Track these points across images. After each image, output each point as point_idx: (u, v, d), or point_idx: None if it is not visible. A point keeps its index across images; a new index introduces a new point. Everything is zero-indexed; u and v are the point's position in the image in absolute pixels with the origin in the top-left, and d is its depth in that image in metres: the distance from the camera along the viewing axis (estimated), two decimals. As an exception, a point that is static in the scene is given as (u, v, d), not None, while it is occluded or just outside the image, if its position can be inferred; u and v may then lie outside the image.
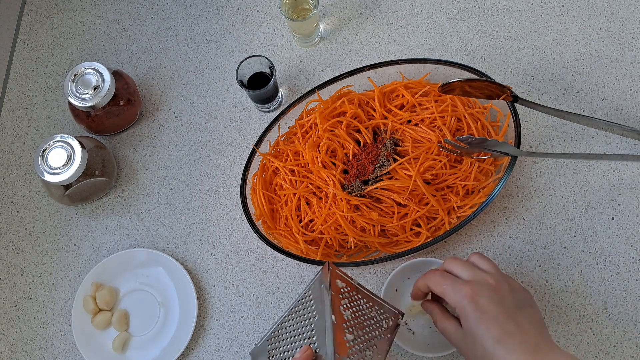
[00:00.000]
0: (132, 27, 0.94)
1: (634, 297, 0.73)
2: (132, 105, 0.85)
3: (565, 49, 0.85)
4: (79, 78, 0.80)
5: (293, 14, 0.86)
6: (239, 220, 0.82)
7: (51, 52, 0.95)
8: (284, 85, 0.88)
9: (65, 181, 0.76)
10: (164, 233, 0.83)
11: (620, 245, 0.75)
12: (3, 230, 0.86)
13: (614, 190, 0.77)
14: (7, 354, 0.80)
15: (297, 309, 0.57)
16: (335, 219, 0.73)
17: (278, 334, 0.58)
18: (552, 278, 0.75)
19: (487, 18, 0.88)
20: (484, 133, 0.77)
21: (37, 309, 0.81)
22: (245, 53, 0.90)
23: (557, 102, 0.82)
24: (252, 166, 0.79)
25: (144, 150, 0.88)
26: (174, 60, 0.92)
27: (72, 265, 0.83)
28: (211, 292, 0.79)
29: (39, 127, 0.91)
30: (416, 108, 0.79)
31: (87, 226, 0.85)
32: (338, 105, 0.79)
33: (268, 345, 0.58)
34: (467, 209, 0.73)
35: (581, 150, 0.80)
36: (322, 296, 0.54)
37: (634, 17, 0.85)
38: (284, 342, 0.57)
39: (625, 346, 0.71)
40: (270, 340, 0.58)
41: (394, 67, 0.79)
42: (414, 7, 0.90)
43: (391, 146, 0.76)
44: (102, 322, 0.77)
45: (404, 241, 0.74)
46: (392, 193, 0.73)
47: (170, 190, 0.85)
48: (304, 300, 0.56)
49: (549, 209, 0.77)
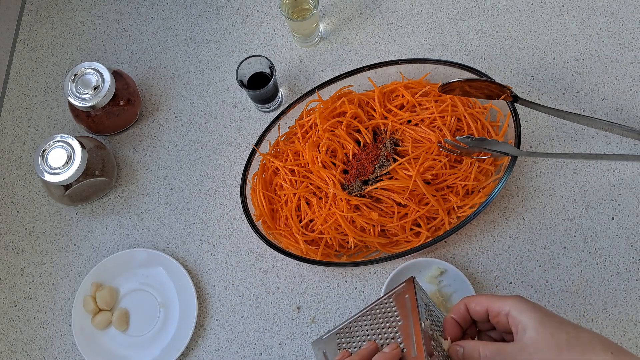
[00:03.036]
0: (132, 27, 0.94)
1: (634, 297, 0.73)
2: (132, 105, 0.85)
3: (565, 49, 0.85)
4: (79, 78, 0.80)
5: (293, 14, 0.86)
6: (239, 220, 0.82)
7: (51, 52, 0.95)
8: (284, 85, 0.88)
9: (65, 181, 0.76)
10: (164, 233, 0.83)
11: (620, 245, 0.75)
12: (3, 230, 0.86)
13: (614, 190, 0.77)
14: (7, 354, 0.80)
15: (374, 312, 0.60)
16: (335, 219, 0.73)
17: (350, 330, 0.60)
18: (552, 278, 0.75)
19: (487, 18, 0.88)
20: (484, 133, 0.77)
21: (37, 309, 0.81)
22: (245, 53, 0.90)
23: (557, 102, 0.82)
24: (252, 166, 0.79)
25: (144, 150, 0.88)
26: (174, 60, 0.92)
27: (72, 265, 0.83)
28: (211, 292, 0.79)
29: (39, 127, 0.91)
30: (416, 108, 0.79)
31: (87, 226, 0.85)
32: (338, 105, 0.79)
33: (337, 339, 0.60)
34: (467, 209, 0.73)
35: (581, 150, 0.80)
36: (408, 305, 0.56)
37: (634, 17, 0.85)
38: (357, 337, 0.58)
39: (625, 346, 0.71)
40: (340, 335, 0.61)
41: (394, 67, 0.79)
42: (414, 7, 0.90)
43: (391, 146, 0.76)
44: (102, 322, 0.77)
45: (404, 241, 0.74)
46: (392, 193, 0.73)
47: (170, 190, 0.85)
48: (385, 306, 0.59)
49: (549, 209, 0.77)
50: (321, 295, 0.77)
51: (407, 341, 0.53)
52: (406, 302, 0.56)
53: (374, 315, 0.59)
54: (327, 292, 0.78)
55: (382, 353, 0.52)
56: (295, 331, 0.76)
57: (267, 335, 0.77)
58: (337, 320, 0.76)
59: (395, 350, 0.52)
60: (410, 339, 0.53)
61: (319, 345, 0.62)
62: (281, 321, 0.77)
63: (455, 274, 0.73)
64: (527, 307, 0.49)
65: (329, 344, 0.61)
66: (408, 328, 0.54)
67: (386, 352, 0.52)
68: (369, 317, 0.59)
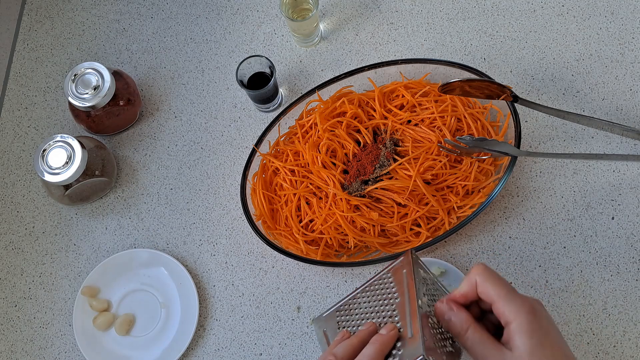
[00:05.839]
0: (132, 27, 0.94)
1: (634, 297, 0.73)
2: (132, 105, 0.85)
3: (565, 49, 0.85)
4: (79, 78, 0.80)
5: (293, 14, 0.86)
6: (239, 220, 0.82)
7: (51, 52, 0.95)
8: (284, 85, 0.88)
9: (65, 181, 0.76)
10: (164, 233, 0.83)
11: (620, 245, 0.75)
12: (3, 230, 0.86)
13: (614, 190, 0.77)
14: (7, 354, 0.80)
15: (372, 289, 0.58)
16: (335, 219, 0.73)
17: (349, 307, 0.59)
18: (552, 278, 0.75)
19: (487, 18, 0.88)
20: (484, 133, 0.77)
21: (37, 309, 0.81)
22: (245, 53, 0.90)
23: (557, 102, 0.82)
24: (252, 166, 0.79)
25: (144, 150, 0.88)
26: (174, 60, 0.92)
27: (72, 265, 0.83)
28: (211, 292, 0.79)
29: (39, 127, 0.91)
30: (416, 108, 0.79)
31: (87, 226, 0.85)
32: (338, 106, 0.79)
33: (337, 316, 0.59)
34: (467, 209, 0.73)
35: (581, 150, 0.80)
36: (405, 281, 0.54)
37: (634, 17, 0.85)
38: (356, 315, 0.58)
39: (625, 346, 0.71)
40: (339, 312, 0.60)
41: (394, 67, 0.79)
42: (414, 7, 0.90)
43: (391, 146, 0.76)
44: (103, 323, 0.77)
45: (404, 241, 0.74)
46: (392, 193, 0.73)
47: (170, 190, 0.85)
48: (383, 282, 0.57)
49: (549, 209, 0.78)
50: (321, 295, 0.77)
51: (403, 320, 0.52)
52: (403, 278, 0.55)
53: (372, 291, 0.58)
54: (327, 292, 0.78)
55: (380, 335, 0.51)
56: (295, 331, 0.76)
57: (267, 335, 0.77)
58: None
59: (393, 331, 0.51)
60: (406, 318, 0.52)
61: (320, 323, 0.61)
62: (281, 321, 0.77)
63: (455, 274, 0.73)
64: (527, 329, 0.46)
65: (328, 322, 0.60)
66: (404, 306, 0.52)
67: (383, 335, 0.51)
68: (368, 293, 0.58)
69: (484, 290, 0.49)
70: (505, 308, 0.47)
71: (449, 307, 0.50)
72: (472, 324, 0.49)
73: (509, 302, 0.47)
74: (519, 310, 0.46)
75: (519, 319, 0.46)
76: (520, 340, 0.46)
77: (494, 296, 0.48)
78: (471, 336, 0.48)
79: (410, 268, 0.55)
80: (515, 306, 0.47)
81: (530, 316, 0.46)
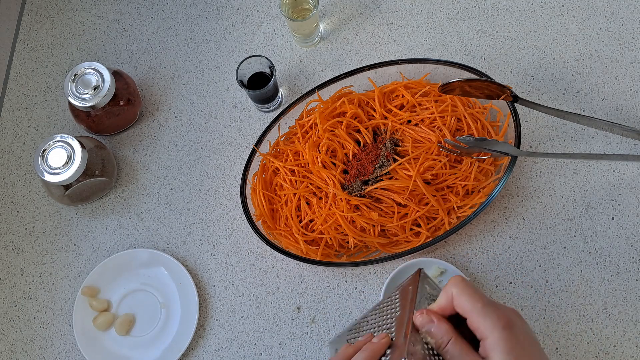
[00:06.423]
0: (132, 27, 0.94)
1: (634, 297, 0.73)
2: (132, 105, 0.85)
3: (565, 49, 0.85)
4: (79, 78, 0.80)
5: (293, 14, 0.86)
6: (239, 220, 0.82)
7: (51, 52, 0.95)
8: (284, 85, 0.88)
9: (65, 181, 0.76)
10: (164, 233, 0.83)
11: (620, 245, 0.75)
12: (3, 230, 0.86)
13: (614, 190, 0.77)
14: (7, 354, 0.80)
15: (382, 306, 0.60)
16: (335, 219, 0.73)
17: (360, 326, 0.60)
18: (552, 278, 0.75)
19: (487, 18, 0.88)
20: (484, 133, 0.77)
21: (37, 309, 0.81)
22: (245, 53, 0.90)
23: (557, 102, 0.82)
24: (252, 166, 0.79)
25: (144, 150, 0.88)
26: (174, 60, 0.92)
27: (72, 265, 0.83)
28: (211, 292, 0.79)
29: (39, 127, 0.91)
30: (416, 108, 0.79)
31: (87, 226, 0.85)
32: (338, 106, 0.79)
33: (348, 335, 0.61)
34: (467, 209, 0.73)
35: (581, 150, 0.80)
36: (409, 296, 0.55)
37: (634, 17, 0.85)
38: (364, 332, 0.58)
39: (625, 346, 0.71)
40: (351, 332, 0.61)
41: (394, 67, 0.79)
42: (414, 7, 0.90)
43: (391, 146, 0.76)
44: (104, 323, 0.77)
45: (404, 241, 0.74)
46: (392, 193, 0.73)
47: (170, 190, 0.85)
48: (391, 299, 0.59)
49: (549, 209, 0.78)
50: (321, 295, 0.77)
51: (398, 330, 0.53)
52: (408, 293, 0.56)
53: (381, 309, 0.59)
54: (327, 292, 0.78)
55: (371, 343, 0.52)
56: (295, 331, 0.76)
57: (267, 335, 0.77)
58: (337, 320, 0.76)
59: (384, 339, 0.52)
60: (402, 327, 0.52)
61: (333, 344, 0.62)
62: (281, 321, 0.77)
63: (455, 274, 0.73)
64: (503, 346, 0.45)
65: (340, 342, 0.61)
66: (402, 317, 0.53)
67: (374, 342, 0.52)
68: (377, 311, 0.60)
69: (460, 303, 0.48)
70: (480, 323, 0.46)
71: (429, 319, 0.50)
72: (454, 336, 0.48)
73: (484, 317, 0.46)
74: (494, 325, 0.46)
75: (494, 335, 0.45)
76: (497, 357, 0.45)
77: (468, 311, 0.47)
78: (451, 349, 0.48)
79: (416, 285, 0.56)
80: (490, 321, 0.46)
81: (506, 332, 0.45)
